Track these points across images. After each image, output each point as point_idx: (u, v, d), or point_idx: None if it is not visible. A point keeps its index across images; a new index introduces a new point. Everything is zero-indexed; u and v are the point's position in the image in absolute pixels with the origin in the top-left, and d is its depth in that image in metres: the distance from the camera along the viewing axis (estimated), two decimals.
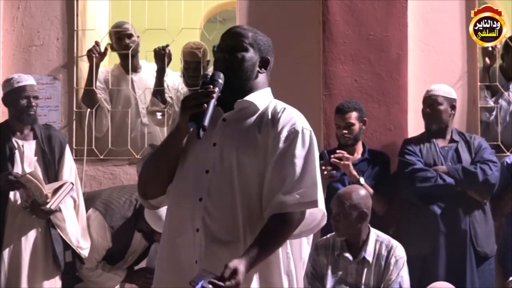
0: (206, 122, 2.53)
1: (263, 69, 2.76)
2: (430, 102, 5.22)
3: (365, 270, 4.41)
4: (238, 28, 2.82)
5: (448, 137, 5.24)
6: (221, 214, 2.60)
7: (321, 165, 4.89)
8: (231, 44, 2.73)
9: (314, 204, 2.59)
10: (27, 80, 5.02)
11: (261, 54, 2.75)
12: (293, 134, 2.63)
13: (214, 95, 2.57)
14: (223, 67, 2.69)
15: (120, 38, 5.97)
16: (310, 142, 2.66)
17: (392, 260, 4.39)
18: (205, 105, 2.55)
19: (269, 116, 2.68)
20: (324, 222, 2.68)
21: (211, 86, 2.58)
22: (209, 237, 2.59)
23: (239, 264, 2.45)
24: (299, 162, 2.61)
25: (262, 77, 2.77)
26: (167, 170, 2.70)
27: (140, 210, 4.78)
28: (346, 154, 5.03)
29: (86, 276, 5.07)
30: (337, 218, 4.43)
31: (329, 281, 4.43)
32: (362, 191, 4.54)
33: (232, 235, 2.59)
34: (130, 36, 5.98)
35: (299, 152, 2.62)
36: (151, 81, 6.05)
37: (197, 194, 2.62)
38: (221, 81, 2.62)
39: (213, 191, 2.62)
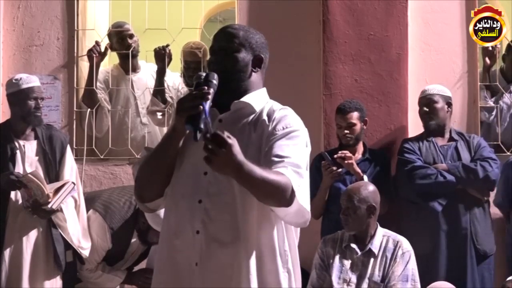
0: (202, 125, 2.49)
1: (257, 68, 2.73)
2: (427, 102, 5.23)
3: (371, 261, 4.45)
4: (229, 28, 2.77)
5: (447, 135, 5.25)
6: (221, 215, 2.59)
7: (324, 166, 4.96)
8: (222, 46, 2.71)
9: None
10: (35, 81, 5.01)
11: (254, 53, 2.72)
12: (288, 130, 2.62)
13: (209, 96, 2.52)
14: (216, 70, 2.64)
15: (123, 38, 5.97)
16: (305, 140, 2.65)
17: (399, 253, 4.44)
18: (201, 106, 2.49)
19: (265, 116, 2.66)
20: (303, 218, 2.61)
21: (206, 87, 2.53)
22: (209, 238, 2.58)
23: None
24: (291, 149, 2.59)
25: (256, 76, 2.74)
26: (164, 172, 2.67)
27: (139, 211, 4.78)
28: (348, 154, 5.04)
29: (86, 277, 5.06)
30: (346, 213, 4.50)
31: (335, 271, 4.47)
32: (371, 186, 4.60)
33: (233, 236, 2.58)
34: (131, 36, 5.99)
35: (292, 143, 2.60)
36: (150, 81, 6.05)
37: (196, 196, 2.61)
38: (215, 81, 2.58)
39: (212, 193, 2.60)
